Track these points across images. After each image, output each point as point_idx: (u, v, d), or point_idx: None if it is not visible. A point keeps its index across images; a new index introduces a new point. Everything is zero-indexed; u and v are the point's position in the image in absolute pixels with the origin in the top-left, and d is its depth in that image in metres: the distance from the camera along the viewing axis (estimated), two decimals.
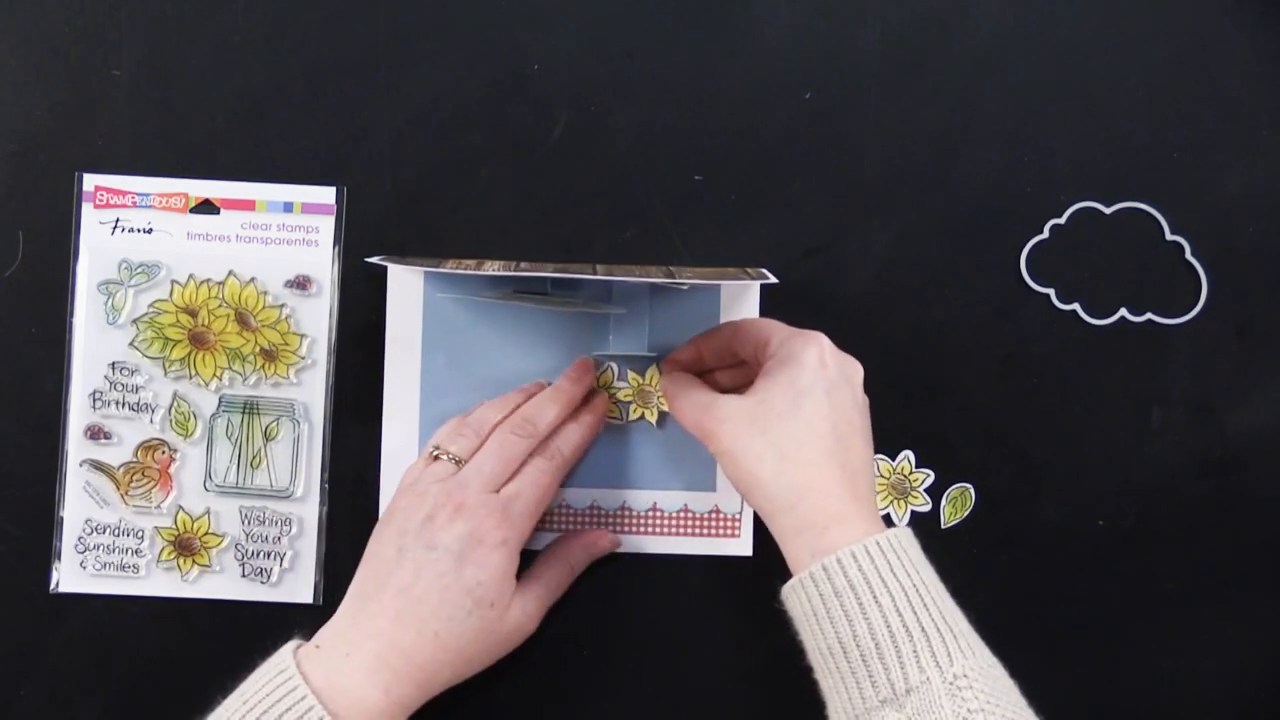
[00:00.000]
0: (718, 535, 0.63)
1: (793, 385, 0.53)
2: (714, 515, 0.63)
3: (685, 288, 0.61)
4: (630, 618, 0.63)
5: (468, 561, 0.54)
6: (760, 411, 0.53)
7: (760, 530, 0.63)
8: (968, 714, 0.47)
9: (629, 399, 0.62)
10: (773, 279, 0.56)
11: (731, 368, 0.61)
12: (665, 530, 0.63)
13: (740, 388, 0.59)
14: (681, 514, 0.63)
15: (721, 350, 0.60)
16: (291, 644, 0.54)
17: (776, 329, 0.57)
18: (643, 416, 0.63)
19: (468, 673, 0.56)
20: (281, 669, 0.52)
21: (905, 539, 0.52)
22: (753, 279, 0.56)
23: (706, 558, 0.63)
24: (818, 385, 0.53)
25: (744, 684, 0.63)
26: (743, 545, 0.63)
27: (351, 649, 0.53)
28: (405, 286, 0.62)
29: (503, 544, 0.54)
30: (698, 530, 0.63)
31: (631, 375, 0.63)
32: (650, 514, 0.63)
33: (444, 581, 0.53)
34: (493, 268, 0.59)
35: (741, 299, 0.63)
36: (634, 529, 0.63)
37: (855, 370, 0.56)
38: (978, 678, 0.48)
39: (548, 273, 0.57)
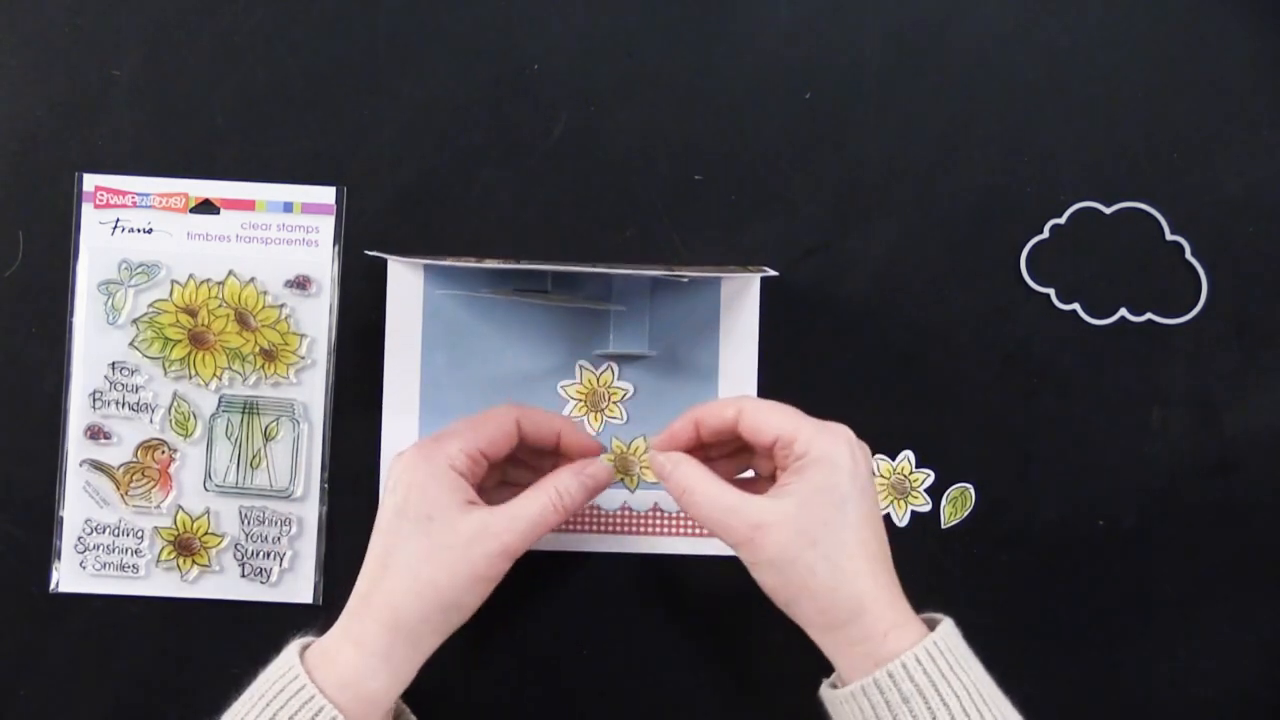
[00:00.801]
0: None
1: (835, 491, 0.51)
2: None
3: (685, 280, 0.61)
4: (631, 618, 0.63)
5: (394, 489, 0.53)
6: (806, 521, 0.51)
7: None
8: None
9: (609, 461, 0.58)
10: (771, 271, 0.56)
11: (722, 444, 0.57)
12: (665, 530, 0.63)
13: (724, 466, 0.57)
14: (682, 514, 0.63)
15: (722, 431, 0.55)
16: (299, 640, 0.54)
17: (801, 423, 0.53)
18: (621, 481, 0.62)
19: (441, 602, 0.52)
20: (286, 663, 0.52)
21: (953, 636, 0.52)
22: (752, 273, 0.56)
23: (707, 558, 0.63)
24: (855, 488, 0.52)
25: (743, 685, 0.63)
26: None
27: (342, 627, 0.53)
28: (405, 285, 0.62)
29: (423, 459, 0.53)
30: (698, 530, 0.63)
31: (615, 443, 0.62)
32: (650, 514, 0.63)
33: (383, 519, 0.53)
34: (492, 264, 0.59)
35: (742, 296, 0.63)
36: (634, 529, 0.63)
37: (870, 458, 0.54)
38: None
39: (548, 266, 0.57)
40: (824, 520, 0.51)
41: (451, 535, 0.52)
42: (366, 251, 0.61)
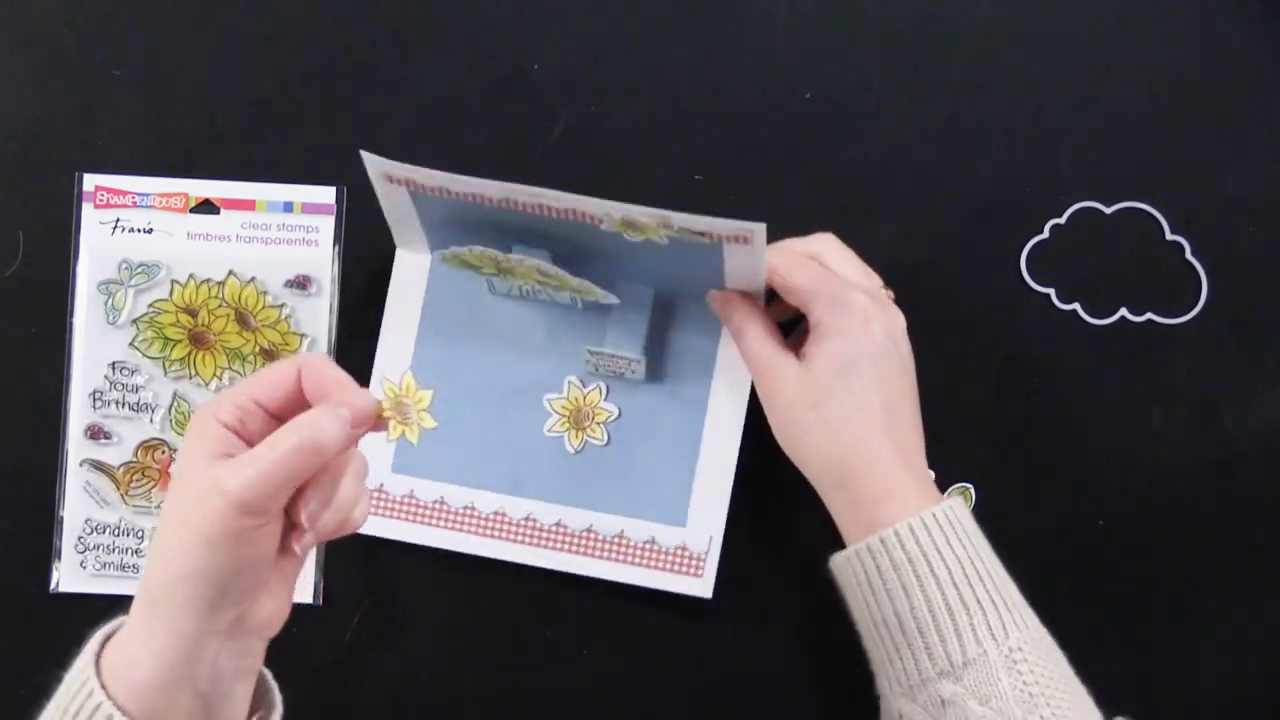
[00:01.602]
0: (680, 573, 0.61)
1: (840, 359, 0.54)
2: (680, 552, 0.61)
3: (665, 243, 0.55)
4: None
5: None
6: (808, 388, 0.54)
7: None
8: (1024, 686, 0.48)
9: (388, 413, 0.48)
10: (761, 228, 0.51)
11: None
12: (628, 560, 0.61)
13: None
14: (648, 545, 0.61)
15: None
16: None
17: (820, 292, 0.55)
18: (403, 435, 0.53)
19: (183, 570, 0.44)
20: (88, 650, 0.47)
21: (959, 510, 0.53)
22: (748, 225, 0.51)
23: (666, 593, 0.61)
24: (864, 357, 0.54)
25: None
26: (704, 586, 0.61)
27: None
28: (405, 286, 0.62)
29: (195, 416, 0.46)
30: (661, 565, 0.61)
31: (387, 385, 0.51)
32: (616, 541, 0.61)
33: None
34: (492, 184, 0.54)
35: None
36: (597, 553, 0.61)
37: (897, 326, 0.56)
38: (1032, 650, 0.50)
39: (550, 191, 0.53)
40: (826, 389, 0.53)
41: (188, 492, 0.44)
42: (362, 151, 0.55)
